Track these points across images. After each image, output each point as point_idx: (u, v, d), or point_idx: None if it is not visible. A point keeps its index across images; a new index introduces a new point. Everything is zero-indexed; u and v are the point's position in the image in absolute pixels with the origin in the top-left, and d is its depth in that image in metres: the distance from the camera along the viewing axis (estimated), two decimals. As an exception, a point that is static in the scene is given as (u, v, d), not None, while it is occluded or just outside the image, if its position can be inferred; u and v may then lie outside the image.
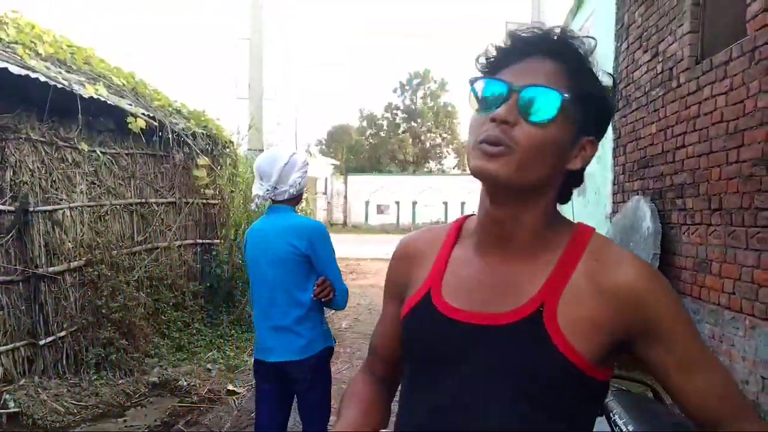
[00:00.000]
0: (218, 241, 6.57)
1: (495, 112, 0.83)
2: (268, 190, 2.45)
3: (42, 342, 4.18)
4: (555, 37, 0.86)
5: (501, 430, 0.85)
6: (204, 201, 6.39)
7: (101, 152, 4.99)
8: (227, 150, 6.83)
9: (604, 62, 6.84)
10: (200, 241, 6.36)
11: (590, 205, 7.78)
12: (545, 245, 0.91)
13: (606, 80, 0.89)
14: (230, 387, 4.61)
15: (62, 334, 4.37)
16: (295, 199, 2.54)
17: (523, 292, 0.88)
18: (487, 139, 0.83)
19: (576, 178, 0.94)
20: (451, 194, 31.88)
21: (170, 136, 5.61)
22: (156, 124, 5.39)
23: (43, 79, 4.00)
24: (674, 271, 4.72)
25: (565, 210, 6.86)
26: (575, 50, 0.86)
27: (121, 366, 4.57)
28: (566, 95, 0.82)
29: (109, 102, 4.74)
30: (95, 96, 4.54)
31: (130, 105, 5.18)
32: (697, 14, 4.64)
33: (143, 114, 5.19)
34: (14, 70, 3.73)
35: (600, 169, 7.25)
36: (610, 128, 5.75)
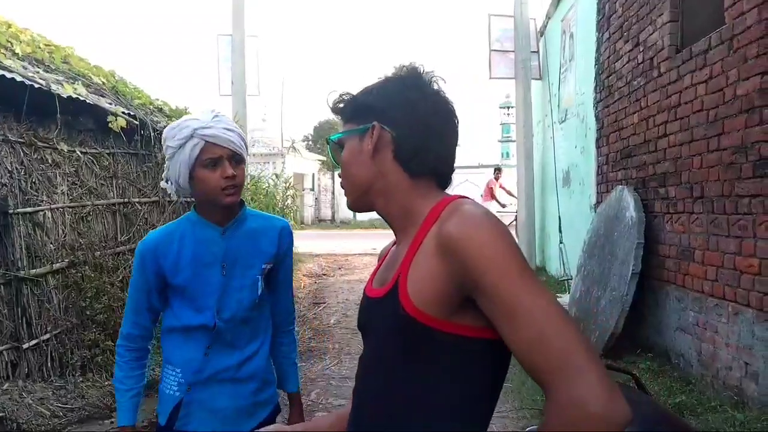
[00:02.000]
0: (204, 239, 6.52)
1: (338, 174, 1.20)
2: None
3: (25, 345, 4.13)
4: (332, 107, 1.17)
5: (384, 388, 1.01)
6: (188, 200, 6.32)
7: (82, 152, 4.93)
8: (211, 147, 6.77)
9: (586, 53, 6.89)
10: (185, 239, 6.31)
11: (575, 195, 7.83)
12: (412, 223, 1.04)
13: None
14: (218, 386, 4.58)
15: (46, 337, 4.31)
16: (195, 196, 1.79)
17: (395, 267, 1.03)
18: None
19: (405, 154, 1.07)
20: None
21: (152, 134, 5.55)
22: (137, 122, 5.33)
23: (19, 78, 3.94)
24: (658, 260, 4.77)
25: (551, 202, 6.90)
26: (339, 104, 1.15)
27: (107, 367, 4.52)
28: (328, 137, 1.17)
29: (88, 101, 4.68)
30: (74, 95, 4.48)
31: (110, 104, 5.12)
32: (677, 4, 4.67)
33: (124, 113, 5.14)
34: (-11, 70, 3.68)
35: (584, 159, 7.29)
36: (593, 119, 5.83)
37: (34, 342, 4.20)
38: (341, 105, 1.15)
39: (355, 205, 1.16)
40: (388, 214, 1.10)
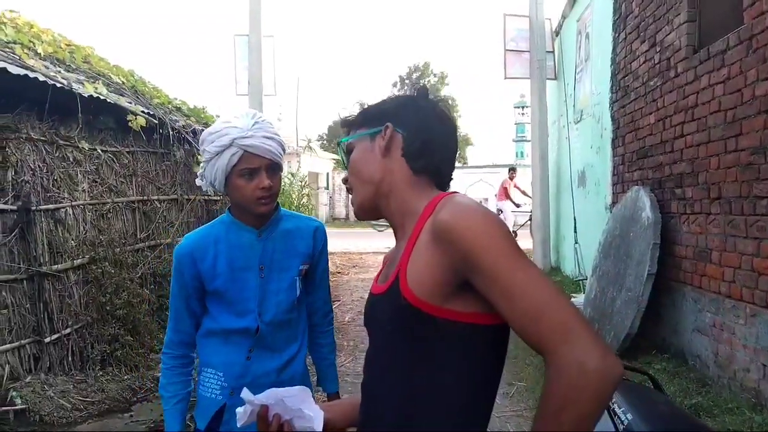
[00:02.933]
0: (220, 237, 6.58)
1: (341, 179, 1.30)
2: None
3: (47, 339, 4.21)
4: (342, 121, 1.28)
5: (389, 379, 1.06)
6: (206, 197, 6.41)
7: (102, 150, 5.01)
8: (228, 146, 6.82)
9: (602, 53, 6.83)
10: (202, 237, 6.38)
11: (590, 195, 7.79)
12: (410, 220, 1.11)
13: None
14: (234, 382, 4.63)
15: (67, 331, 4.40)
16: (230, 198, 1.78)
17: (396, 262, 1.08)
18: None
19: (414, 153, 1.15)
20: (453, 187, 31.71)
21: (170, 133, 5.62)
22: (156, 121, 5.40)
23: (42, 78, 4.02)
24: (674, 261, 4.74)
25: (566, 202, 6.85)
26: (348, 118, 1.27)
27: (126, 362, 4.60)
28: (340, 140, 1.25)
29: (108, 100, 4.76)
30: (95, 94, 4.55)
31: (130, 103, 5.20)
32: (694, 3, 4.64)
33: (143, 112, 5.21)
34: (13, 69, 3.75)
35: (599, 160, 7.26)
36: (608, 119, 5.76)
37: (55, 336, 4.29)
38: (352, 116, 1.26)
39: (363, 207, 1.20)
40: (390, 214, 1.17)
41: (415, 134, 1.16)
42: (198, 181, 1.77)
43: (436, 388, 1.01)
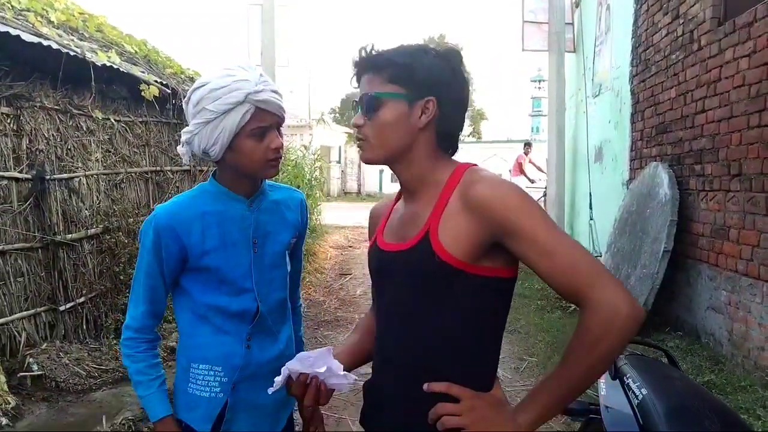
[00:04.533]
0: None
1: (352, 120, 1.26)
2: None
3: (62, 308, 4.26)
4: (366, 56, 1.22)
5: (413, 329, 1.18)
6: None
7: (115, 120, 5.00)
8: (240, 118, 6.79)
9: (623, 25, 6.67)
10: (215, 208, 6.40)
11: (607, 171, 7.70)
12: (431, 186, 1.21)
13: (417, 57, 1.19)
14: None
15: (81, 300, 4.45)
16: (220, 163, 1.56)
17: (419, 223, 1.18)
18: (356, 137, 1.26)
19: (445, 131, 1.22)
20: (466, 161, 31.51)
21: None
22: (169, 91, 5.37)
23: (55, 46, 3.98)
24: (691, 238, 4.68)
25: (582, 178, 6.77)
26: (379, 58, 1.21)
27: (139, 331, 4.65)
28: (374, 93, 1.19)
29: (121, 69, 4.73)
30: (108, 63, 4.52)
31: (143, 72, 5.16)
32: (721, -27, 4.50)
33: (156, 81, 5.18)
34: (27, 37, 3.72)
35: (617, 135, 7.15)
36: (628, 93, 5.64)
37: (70, 305, 4.34)
38: (379, 58, 1.21)
39: (374, 161, 1.24)
40: (407, 177, 1.24)
41: (451, 113, 1.21)
42: (180, 149, 1.54)
43: (458, 332, 1.16)
